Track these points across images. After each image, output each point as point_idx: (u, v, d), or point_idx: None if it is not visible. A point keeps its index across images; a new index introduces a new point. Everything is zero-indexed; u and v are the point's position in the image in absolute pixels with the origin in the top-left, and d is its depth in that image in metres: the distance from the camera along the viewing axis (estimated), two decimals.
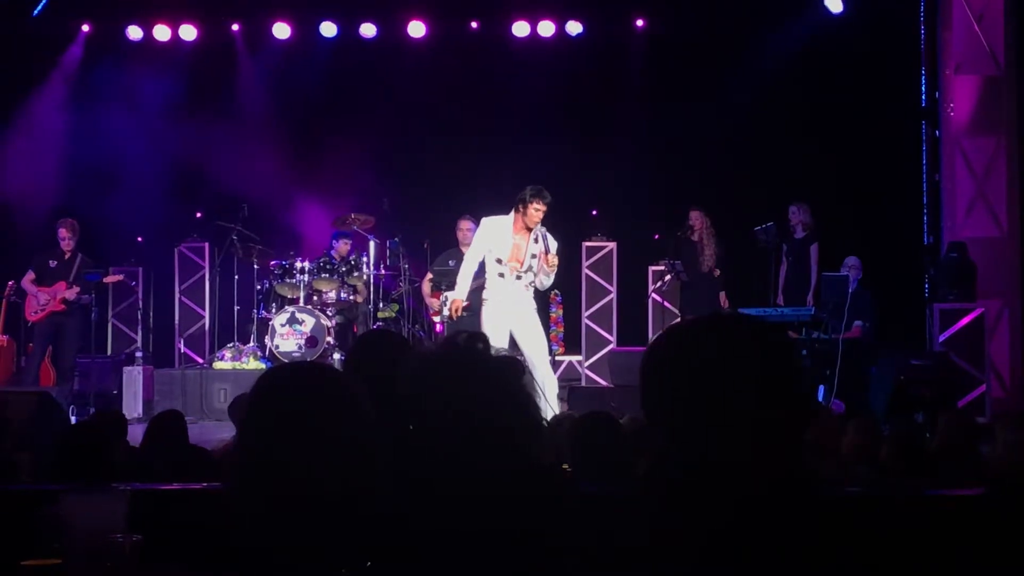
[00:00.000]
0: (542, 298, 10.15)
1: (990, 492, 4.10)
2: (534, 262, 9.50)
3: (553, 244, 9.54)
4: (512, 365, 2.27)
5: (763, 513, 1.93)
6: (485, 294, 9.67)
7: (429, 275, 12.20)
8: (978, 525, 3.70)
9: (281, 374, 2.22)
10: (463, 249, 12.02)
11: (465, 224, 12.28)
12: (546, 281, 9.64)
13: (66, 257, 12.76)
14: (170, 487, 4.46)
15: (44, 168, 14.85)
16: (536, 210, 9.39)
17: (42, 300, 12.61)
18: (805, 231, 12.91)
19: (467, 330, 2.36)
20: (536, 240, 9.48)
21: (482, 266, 9.74)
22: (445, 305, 11.32)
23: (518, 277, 9.51)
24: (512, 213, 9.55)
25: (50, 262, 12.76)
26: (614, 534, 2.10)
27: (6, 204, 14.45)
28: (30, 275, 12.77)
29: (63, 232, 12.75)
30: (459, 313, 9.83)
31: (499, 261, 9.53)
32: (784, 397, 1.97)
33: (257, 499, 2.03)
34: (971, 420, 6.68)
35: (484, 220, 9.79)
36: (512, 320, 9.54)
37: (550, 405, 9.27)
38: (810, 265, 12.81)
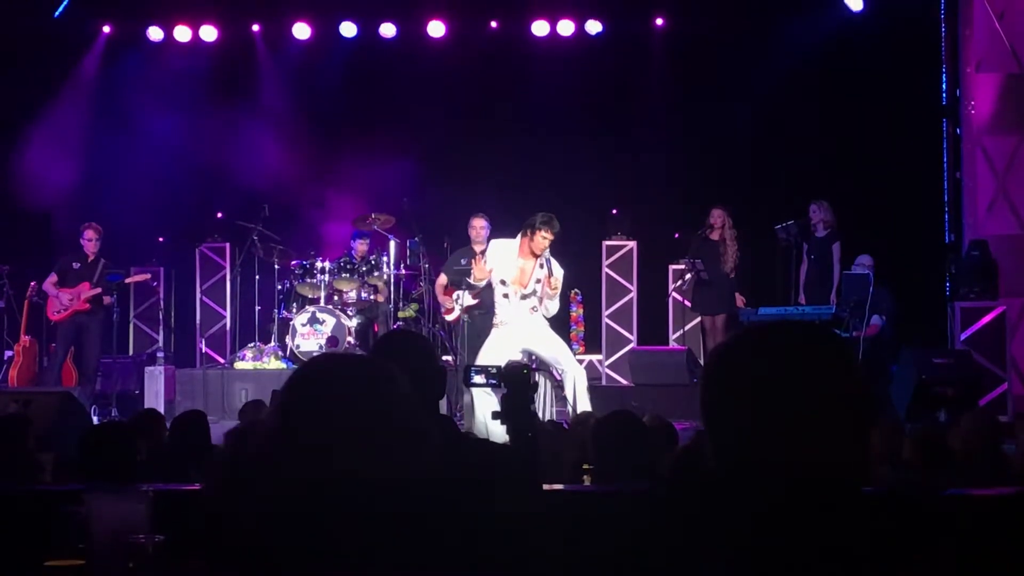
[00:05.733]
0: (561, 296, 10.15)
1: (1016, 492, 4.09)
2: (538, 287, 9.54)
3: (558, 270, 9.60)
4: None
5: (796, 512, 1.93)
6: (495, 319, 9.75)
7: (443, 275, 12.18)
8: (1001, 524, 3.69)
9: (317, 364, 2.20)
10: (475, 248, 12.01)
11: (478, 222, 12.25)
12: (551, 307, 9.69)
13: (90, 260, 12.76)
14: (192, 487, 4.47)
15: (65, 169, 14.86)
16: (543, 238, 9.39)
17: (65, 300, 12.63)
18: (826, 229, 12.84)
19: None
20: (541, 266, 9.52)
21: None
22: (458, 303, 11.32)
23: (523, 297, 9.54)
24: (519, 237, 9.58)
25: (74, 264, 12.76)
26: (636, 530, 2.10)
27: (27, 206, 14.47)
28: (52, 278, 12.75)
29: (89, 234, 12.75)
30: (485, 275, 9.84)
31: (503, 282, 9.57)
32: (847, 406, 1.96)
33: (298, 495, 2.02)
34: (993, 419, 6.65)
35: (492, 242, 9.84)
36: (523, 339, 9.63)
37: (580, 399, 9.38)
38: (832, 263, 12.73)
